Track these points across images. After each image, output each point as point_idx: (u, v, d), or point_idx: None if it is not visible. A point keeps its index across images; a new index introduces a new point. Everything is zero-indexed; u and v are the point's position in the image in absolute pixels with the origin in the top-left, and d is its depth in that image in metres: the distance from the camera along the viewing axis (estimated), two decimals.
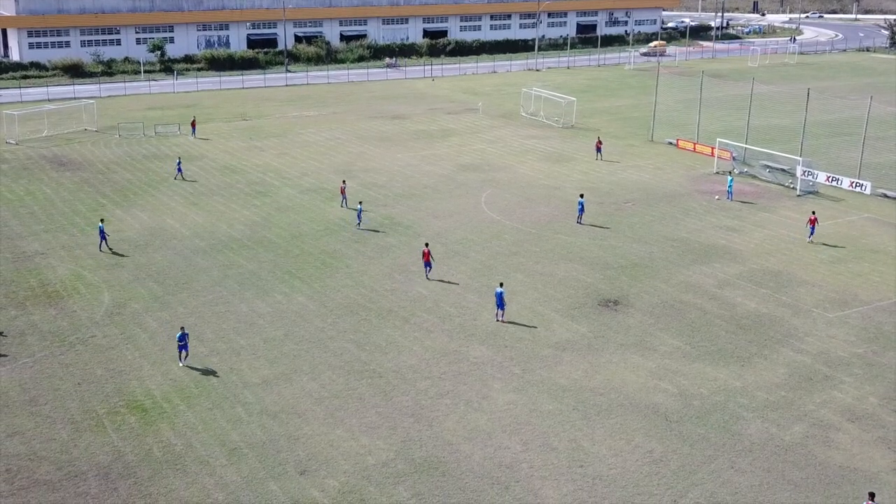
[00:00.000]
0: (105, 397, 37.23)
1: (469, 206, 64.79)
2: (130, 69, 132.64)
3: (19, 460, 32.69)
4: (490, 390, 38.04)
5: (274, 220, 61.48)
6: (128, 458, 32.90)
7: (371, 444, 33.85)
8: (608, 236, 57.87)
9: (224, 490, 31.02)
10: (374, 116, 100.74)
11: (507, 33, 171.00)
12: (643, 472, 32.21)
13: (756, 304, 47.14)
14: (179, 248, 55.64)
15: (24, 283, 49.84)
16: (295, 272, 51.50)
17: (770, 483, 31.63)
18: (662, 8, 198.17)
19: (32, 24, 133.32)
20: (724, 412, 36.26)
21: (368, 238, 57.34)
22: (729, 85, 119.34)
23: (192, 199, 66.58)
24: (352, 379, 38.88)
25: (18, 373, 39.27)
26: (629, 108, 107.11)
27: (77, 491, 30.91)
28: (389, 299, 47.61)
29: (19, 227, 59.67)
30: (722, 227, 59.83)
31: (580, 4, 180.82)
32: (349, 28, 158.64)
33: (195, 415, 35.86)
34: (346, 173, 73.76)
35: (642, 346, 42.28)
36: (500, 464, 32.73)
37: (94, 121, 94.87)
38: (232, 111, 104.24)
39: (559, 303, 47.21)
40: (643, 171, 75.28)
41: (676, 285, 49.68)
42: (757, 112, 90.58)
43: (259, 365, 40.09)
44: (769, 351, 41.78)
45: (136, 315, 45.43)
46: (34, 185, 70.54)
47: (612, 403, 36.97)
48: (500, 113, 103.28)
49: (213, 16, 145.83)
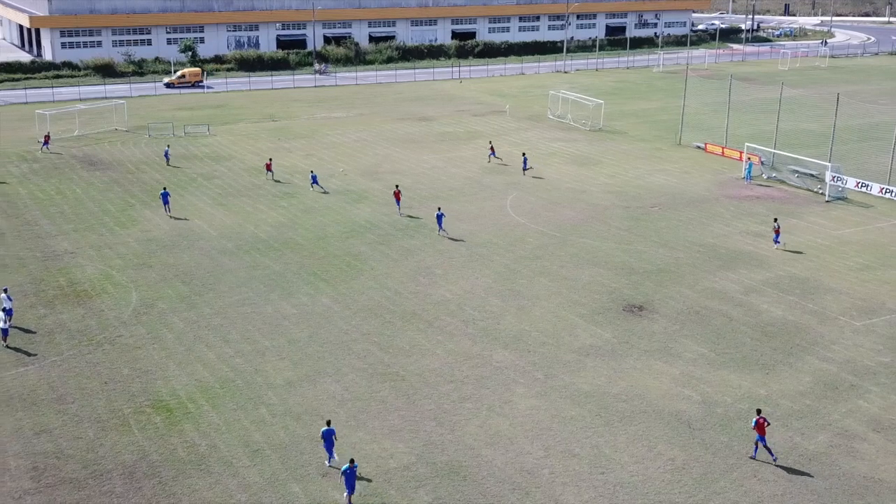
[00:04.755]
0: (131, 397, 37.64)
1: (494, 208, 64.82)
2: (161, 69, 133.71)
3: (46, 458, 33.13)
4: (512, 395, 38.08)
5: (300, 221, 61.83)
6: (152, 457, 33.26)
7: (393, 448, 33.99)
8: (634, 241, 57.71)
9: (247, 491, 31.29)
10: (401, 118, 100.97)
11: (536, 35, 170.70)
12: (665, 480, 32.14)
13: (782, 311, 46.86)
14: (206, 248, 56.10)
15: (54, 281, 50.46)
16: (320, 274, 51.78)
17: (793, 493, 31.46)
18: (692, 10, 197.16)
19: (65, 24, 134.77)
20: (747, 420, 36.03)
21: (393, 240, 57.54)
22: (758, 88, 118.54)
23: (219, 199, 67.09)
24: (375, 382, 39.06)
25: (47, 371, 39.78)
26: (657, 111, 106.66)
27: (102, 489, 31.29)
28: (413, 302, 47.77)
29: (49, 226, 60.39)
30: (749, 233, 59.48)
31: (609, 6, 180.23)
32: (378, 29, 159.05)
33: (219, 415, 36.18)
34: (372, 175, 74.04)
35: (666, 352, 42.15)
36: (521, 469, 32.77)
37: (124, 121, 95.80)
38: (260, 112, 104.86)
39: (583, 308, 47.16)
40: (670, 175, 74.97)
41: (702, 291, 49.47)
42: (786, 116, 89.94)
43: (283, 366, 40.37)
44: (794, 359, 41.52)
45: (163, 315, 45.87)
46: (64, 184, 71.35)
47: (634, 410, 36.90)
48: (527, 115, 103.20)
49: (243, 16, 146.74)
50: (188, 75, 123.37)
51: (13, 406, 36.78)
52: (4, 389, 38.13)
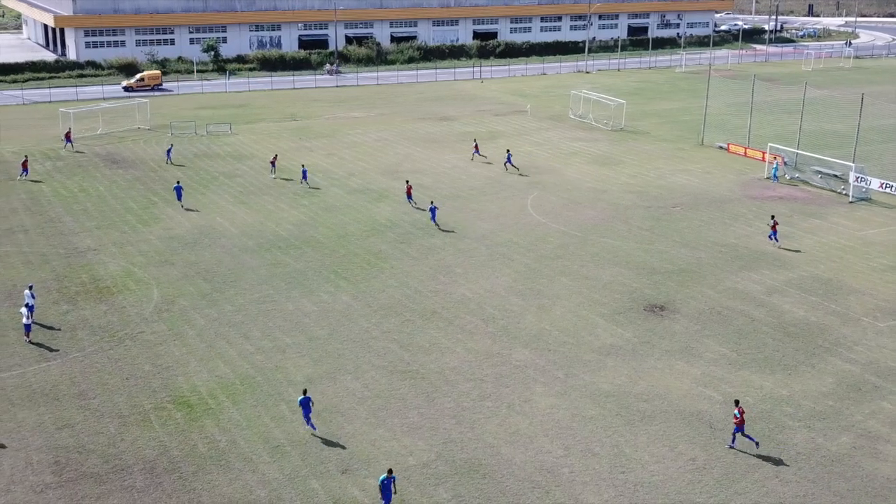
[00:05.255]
0: (152, 392, 37.82)
1: (515, 208, 64.71)
2: (183, 69, 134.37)
3: (68, 452, 33.33)
4: (532, 394, 37.98)
5: (321, 219, 61.95)
6: (173, 453, 33.39)
7: (412, 445, 33.98)
8: (655, 241, 57.46)
9: (266, 487, 31.35)
10: (422, 118, 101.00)
11: (558, 35, 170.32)
12: (685, 480, 31.96)
13: (805, 311, 46.51)
14: (228, 246, 56.30)
15: (76, 278, 50.78)
16: (341, 272, 51.86)
17: (815, 494, 31.21)
18: (715, 10, 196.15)
19: (89, 23, 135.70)
20: (769, 421, 35.83)
21: (413, 239, 57.55)
22: (782, 89, 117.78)
23: (241, 198, 67.33)
24: (394, 379, 39.06)
25: (69, 367, 40.04)
26: (679, 111, 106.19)
27: (123, 484, 31.44)
28: (433, 300, 47.75)
29: (73, 223, 60.80)
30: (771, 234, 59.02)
31: (632, 7, 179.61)
32: (399, 29, 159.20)
33: (240, 412, 36.29)
34: (392, 174, 74.11)
35: (688, 352, 41.93)
36: (541, 468, 32.68)
37: (146, 119, 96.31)
38: (282, 111, 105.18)
39: (604, 307, 46.98)
40: (692, 176, 74.61)
41: (724, 291, 49.18)
42: (810, 117, 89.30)
43: (304, 363, 40.45)
44: (817, 360, 41.20)
45: (185, 312, 46.06)
46: (88, 182, 71.82)
47: (655, 410, 36.71)
48: (548, 115, 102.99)
49: (265, 16, 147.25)
50: (147, 78, 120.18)
51: (35, 401, 37.04)
52: (27, 385, 38.40)
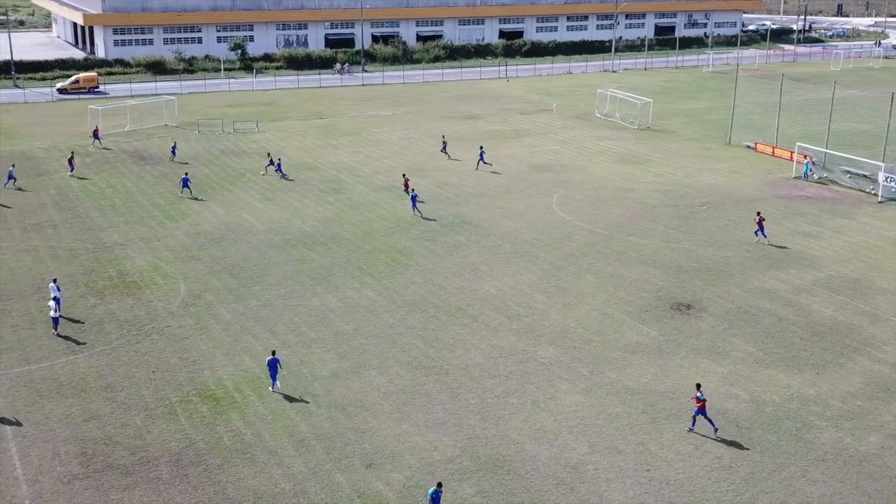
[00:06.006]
0: (178, 386, 38.03)
1: (540, 206, 64.57)
2: (211, 67, 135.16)
3: (95, 444, 33.58)
4: (557, 391, 37.87)
5: (346, 216, 62.08)
6: (198, 445, 33.55)
7: (437, 440, 33.96)
8: (682, 239, 57.14)
9: (291, 480, 31.44)
10: (448, 116, 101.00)
11: (584, 34, 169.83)
12: (711, 478, 31.74)
13: (833, 311, 46.09)
14: (254, 242, 56.54)
15: (104, 272, 51.16)
16: (366, 268, 51.94)
17: (843, 494, 30.90)
18: (743, 10, 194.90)
19: (117, 22, 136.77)
20: (796, 420, 35.53)
21: (438, 236, 57.55)
22: (810, 89, 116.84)
23: (267, 194, 67.60)
24: (419, 375, 39.06)
25: (96, 360, 40.34)
26: (706, 110, 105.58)
27: (149, 476, 31.63)
28: (458, 297, 47.71)
29: (100, 218, 61.27)
30: (799, 233, 58.62)
31: (658, 6, 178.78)
32: (425, 28, 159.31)
33: (265, 405, 36.41)
34: (418, 172, 74.15)
35: (714, 351, 41.65)
36: (565, 464, 32.57)
37: (174, 117, 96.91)
38: (308, 109, 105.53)
39: (630, 305, 46.77)
40: (719, 175, 74.14)
41: (751, 290, 48.83)
42: (839, 116, 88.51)
43: (329, 358, 40.54)
44: (845, 359, 40.81)
45: (211, 306, 46.29)
46: (115, 178, 72.36)
47: (681, 408, 36.49)
48: (574, 114, 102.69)
49: (292, 15, 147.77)
50: (82, 81, 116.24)
51: (63, 393, 37.34)
52: (55, 377, 38.73)
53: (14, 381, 38.34)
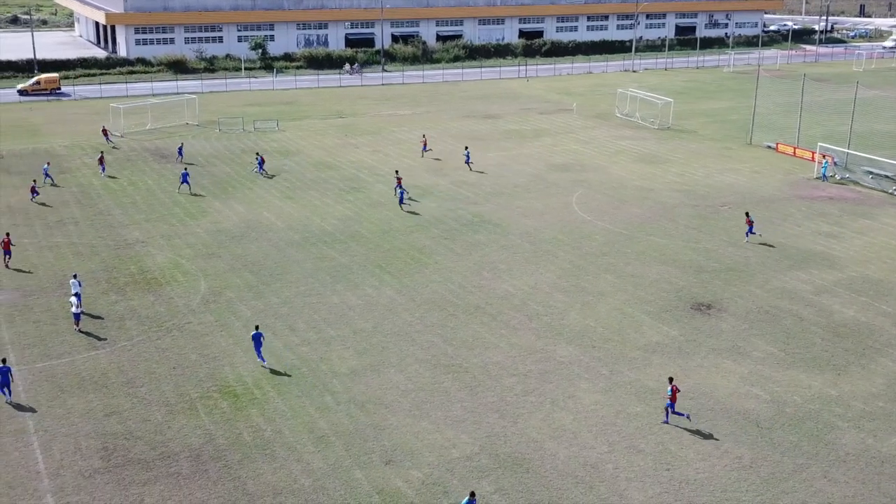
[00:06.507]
0: (198, 382, 38.20)
1: (559, 205, 64.44)
2: (231, 66, 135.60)
3: (116, 439, 33.78)
4: (576, 390, 37.79)
5: (366, 215, 62.17)
6: (218, 441, 33.69)
7: (455, 438, 33.97)
8: (702, 239, 56.90)
9: (310, 476, 31.52)
10: (467, 116, 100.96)
11: (604, 34, 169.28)
12: (731, 478, 31.59)
13: (854, 312, 45.78)
14: (274, 239, 56.72)
15: (125, 269, 51.46)
16: (385, 266, 52.01)
17: (865, 495, 30.69)
18: (764, 11, 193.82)
19: (139, 21, 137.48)
20: (817, 421, 35.32)
21: (457, 235, 57.54)
22: (832, 89, 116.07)
23: (287, 193, 67.80)
24: (438, 373, 39.08)
25: (117, 355, 40.58)
26: (727, 110, 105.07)
27: (169, 471, 31.79)
28: (477, 296, 47.70)
29: (122, 216, 61.62)
30: (821, 234, 58.26)
31: (679, 6, 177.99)
32: (445, 28, 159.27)
33: (285, 402, 36.53)
34: (436, 171, 74.18)
35: (735, 351, 41.45)
36: (584, 463, 32.50)
37: (195, 115, 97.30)
38: (328, 108, 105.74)
39: (650, 305, 46.61)
40: (740, 175, 73.78)
41: (772, 291, 48.56)
42: (861, 117, 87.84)
43: (348, 355, 40.62)
44: (867, 360, 40.53)
45: (231, 303, 46.48)
46: (137, 175, 72.75)
47: (701, 408, 36.34)
48: (594, 113, 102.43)
49: (312, 15, 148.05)
50: (43, 82, 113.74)
51: (84, 388, 37.59)
52: (76, 372, 38.99)
53: (36, 376, 38.64)
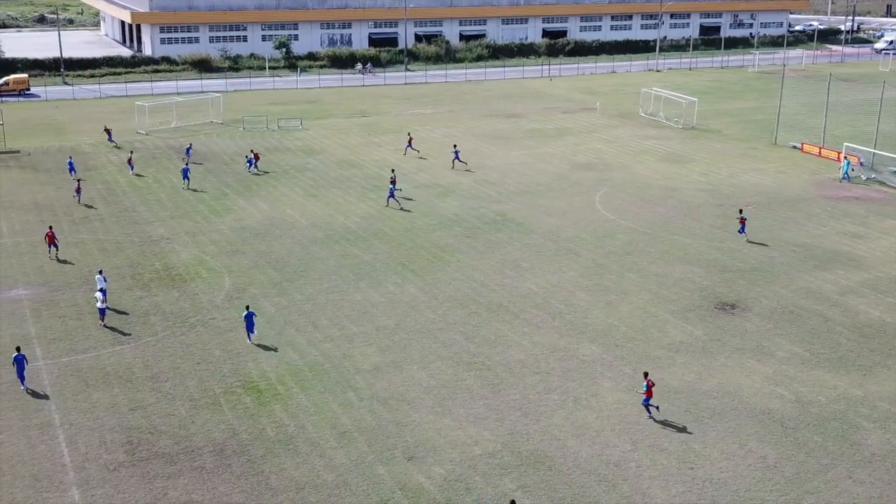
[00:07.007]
0: (222, 377, 38.40)
1: (583, 204, 64.29)
2: (256, 65, 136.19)
3: (140, 433, 34.01)
4: (599, 388, 37.69)
5: (388, 213, 62.27)
6: (242, 436, 33.85)
7: (478, 435, 33.96)
8: (726, 239, 56.60)
9: (333, 472, 31.61)
10: (490, 115, 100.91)
11: (628, 34, 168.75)
12: (755, 478, 31.41)
13: (880, 312, 45.40)
14: (298, 237, 56.92)
15: (150, 265, 51.80)
16: (407, 264, 52.07)
17: (891, 496, 30.43)
18: (789, 11, 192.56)
19: (164, 20, 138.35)
20: (843, 421, 35.05)
21: (480, 233, 57.53)
22: (858, 89, 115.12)
23: (311, 191, 68.02)
24: (460, 370, 39.08)
25: (142, 350, 40.86)
26: (752, 110, 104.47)
27: (193, 465, 31.97)
28: (499, 294, 47.66)
29: (147, 212, 62.03)
30: (846, 234, 57.82)
31: (704, 6, 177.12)
32: (468, 28, 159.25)
33: (308, 398, 36.65)
34: (458, 170, 74.19)
35: (759, 350, 41.21)
36: (607, 461, 32.41)
37: (219, 114, 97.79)
38: (352, 107, 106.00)
39: (673, 304, 46.42)
40: (765, 175, 73.33)
41: (797, 291, 48.24)
42: (888, 118, 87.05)
43: (371, 352, 40.70)
44: (893, 361, 40.17)
45: (255, 300, 46.66)
46: (161, 173, 73.22)
47: (725, 407, 36.16)
48: (617, 113, 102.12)
49: (336, 14, 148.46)
50: (12, 83, 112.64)
51: (110, 383, 37.87)
52: (101, 367, 39.29)
53: (62, 371, 38.97)
